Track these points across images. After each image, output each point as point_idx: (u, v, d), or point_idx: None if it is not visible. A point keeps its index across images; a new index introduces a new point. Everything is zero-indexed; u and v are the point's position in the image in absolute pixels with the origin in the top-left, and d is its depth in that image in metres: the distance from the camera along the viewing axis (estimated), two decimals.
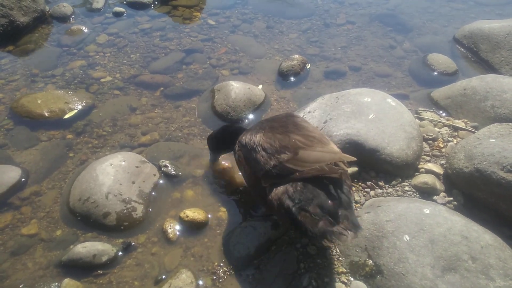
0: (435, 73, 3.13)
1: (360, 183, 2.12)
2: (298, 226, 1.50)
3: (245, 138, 1.77)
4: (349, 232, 1.41)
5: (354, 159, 1.59)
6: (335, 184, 1.53)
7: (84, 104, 2.75)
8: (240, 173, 2.00)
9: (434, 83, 3.02)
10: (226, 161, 2.34)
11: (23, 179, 2.24)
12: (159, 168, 2.28)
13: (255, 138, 1.71)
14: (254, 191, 1.84)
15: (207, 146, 2.47)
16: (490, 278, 1.55)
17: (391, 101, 2.31)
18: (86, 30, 3.57)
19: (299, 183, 1.54)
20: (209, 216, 2.06)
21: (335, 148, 1.66)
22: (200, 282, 1.77)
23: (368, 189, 2.09)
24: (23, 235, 1.98)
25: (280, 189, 1.57)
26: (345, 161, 1.64)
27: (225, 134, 2.09)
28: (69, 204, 2.06)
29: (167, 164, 2.28)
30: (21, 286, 1.77)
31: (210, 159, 2.31)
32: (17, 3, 3.43)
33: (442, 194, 2.03)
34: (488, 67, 3.16)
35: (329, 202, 1.47)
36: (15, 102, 2.71)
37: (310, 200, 1.48)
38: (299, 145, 1.60)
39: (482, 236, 1.67)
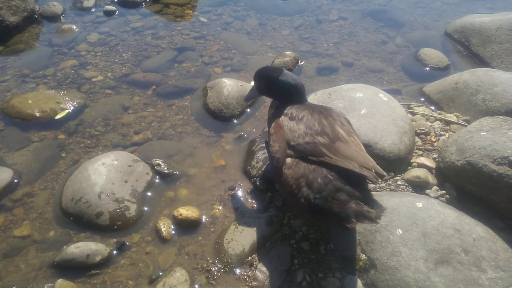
0: (427, 67, 3.14)
1: None
2: (320, 211, 1.50)
3: (292, 111, 1.77)
4: (375, 210, 1.44)
5: (385, 174, 1.60)
6: (357, 178, 1.53)
7: (75, 104, 2.73)
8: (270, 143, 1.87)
9: (426, 78, 3.03)
10: (221, 158, 2.33)
11: (15, 180, 2.22)
12: (152, 167, 2.27)
13: (301, 113, 1.73)
14: (275, 159, 1.76)
15: (200, 144, 2.46)
16: (482, 270, 1.56)
17: (383, 96, 2.32)
18: (77, 29, 3.54)
19: (325, 169, 1.54)
20: (203, 214, 2.06)
21: (369, 156, 1.62)
22: (195, 281, 1.77)
23: None
24: (15, 237, 1.97)
25: (300, 170, 1.58)
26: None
27: (281, 91, 1.91)
28: (62, 205, 2.05)
29: (160, 163, 2.27)
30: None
31: (249, 94, 2.11)
32: (6, 2, 3.39)
33: (435, 187, 2.05)
34: (479, 61, 3.18)
35: (356, 189, 1.49)
36: (5, 103, 2.69)
37: (333, 190, 1.48)
38: (340, 138, 1.61)
39: (474, 229, 1.68)
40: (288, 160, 1.66)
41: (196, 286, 1.75)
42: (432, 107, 2.69)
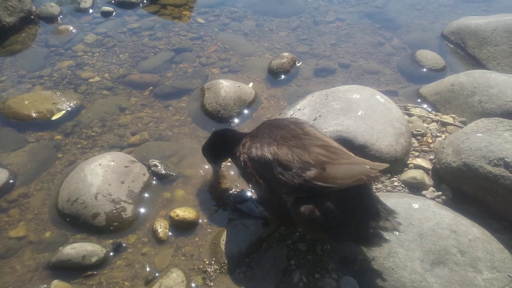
0: (424, 69, 3.15)
1: None
2: (341, 237, 1.50)
3: (255, 151, 1.62)
4: (392, 221, 1.44)
5: (387, 165, 1.46)
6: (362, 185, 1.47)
7: (72, 104, 2.72)
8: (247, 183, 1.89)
9: (422, 79, 3.04)
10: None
11: (10, 181, 2.21)
12: (148, 167, 2.27)
13: (267, 153, 1.57)
14: (266, 203, 1.73)
15: (197, 146, 2.46)
16: (478, 270, 1.57)
17: (380, 97, 2.33)
18: (74, 30, 3.53)
19: (332, 197, 1.46)
20: (200, 215, 2.05)
21: (358, 158, 1.54)
22: (191, 281, 1.77)
23: None
24: (11, 238, 1.96)
25: (310, 205, 1.47)
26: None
27: (219, 141, 1.98)
28: (58, 206, 2.04)
29: (157, 164, 2.27)
30: None
31: (213, 172, 2.19)
32: (2, 3, 3.38)
33: (431, 188, 2.05)
34: (476, 62, 3.20)
35: (369, 204, 1.46)
36: (1, 103, 2.68)
37: (348, 214, 1.45)
38: (323, 159, 1.47)
39: (470, 230, 1.69)
40: (289, 200, 1.55)
41: (193, 286, 1.75)
42: (429, 109, 2.70)
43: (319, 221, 1.46)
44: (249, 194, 2.13)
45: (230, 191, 2.17)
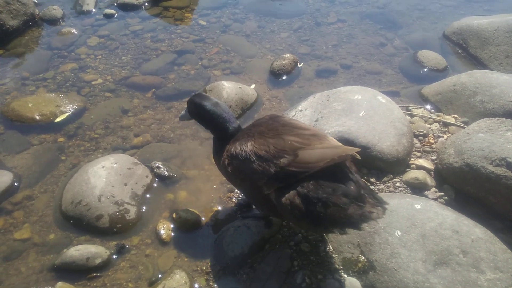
0: (426, 69, 3.15)
1: None
2: (325, 221, 1.46)
3: (235, 149, 1.65)
4: (378, 208, 1.42)
5: (358, 149, 1.51)
6: (344, 169, 1.51)
7: (75, 107, 2.74)
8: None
9: (424, 80, 3.04)
10: None
11: (15, 184, 2.22)
12: (151, 169, 2.28)
13: (246, 148, 1.61)
14: (255, 200, 1.77)
15: (200, 147, 2.48)
16: (481, 271, 1.57)
17: (381, 98, 2.33)
18: (76, 33, 3.55)
19: (310, 182, 1.48)
20: (203, 216, 2.06)
21: (334, 141, 1.59)
22: (195, 283, 1.77)
23: None
24: (15, 240, 1.97)
25: (291, 192, 1.50)
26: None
27: (206, 117, 1.82)
28: (62, 208, 2.05)
29: (160, 165, 2.28)
30: None
31: (181, 116, 1.99)
32: (6, 6, 3.41)
33: (433, 189, 2.05)
34: (478, 62, 3.19)
35: (351, 187, 1.46)
36: (5, 106, 2.70)
37: (330, 193, 1.45)
38: (297, 146, 1.52)
39: (473, 230, 1.69)
40: (271, 193, 1.57)
41: None
42: (431, 109, 2.70)
43: (300, 208, 1.48)
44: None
45: (236, 202, 2.17)
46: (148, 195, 2.15)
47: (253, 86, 2.99)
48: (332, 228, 1.50)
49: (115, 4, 3.96)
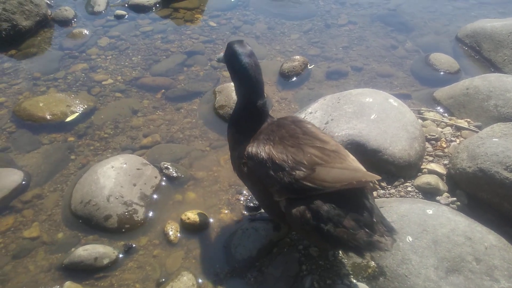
0: (438, 72, 3.11)
1: None
2: (332, 240, 1.43)
3: (251, 149, 1.60)
4: (387, 238, 1.38)
5: (379, 177, 1.44)
6: (359, 193, 1.46)
7: (86, 106, 2.76)
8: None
9: (436, 83, 3.00)
10: None
11: (24, 182, 2.24)
12: (160, 170, 2.28)
13: (263, 152, 1.55)
14: (264, 204, 1.74)
15: (208, 148, 2.48)
16: (495, 279, 1.53)
17: (393, 101, 2.30)
18: (87, 33, 3.58)
19: (323, 200, 1.43)
20: (211, 218, 2.05)
21: (355, 163, 1.52)
22: (202, 285, 1.76)
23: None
24: (24, 238, 1.98)
25: (302, 206, 1.46)
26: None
27: (236, 69, 1.67)
28: (71, 207, 2.06)
29: (169, 166, 2.28)
30: None
31: (218, 58, 1.89)
32: (19, 7, 3.45)
33: (445, 194, 2.02)
34: (491, 66, 3.14)
35: (364, 213, 1.41)
36: (17, 105, 2.72)
37: (342, 216, 1.40)
38: (316, 161, 1.46)
39: (486, 237, 1.65)
40: (282, 201, 1.54)
41: None
42: (443, 113, 2.66)
43: (309, 223, 1.44)
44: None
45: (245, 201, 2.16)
46: (156, 196, 2.15)
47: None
48: (338, 248, 1.47)
49: (126, 5, 3.99)
